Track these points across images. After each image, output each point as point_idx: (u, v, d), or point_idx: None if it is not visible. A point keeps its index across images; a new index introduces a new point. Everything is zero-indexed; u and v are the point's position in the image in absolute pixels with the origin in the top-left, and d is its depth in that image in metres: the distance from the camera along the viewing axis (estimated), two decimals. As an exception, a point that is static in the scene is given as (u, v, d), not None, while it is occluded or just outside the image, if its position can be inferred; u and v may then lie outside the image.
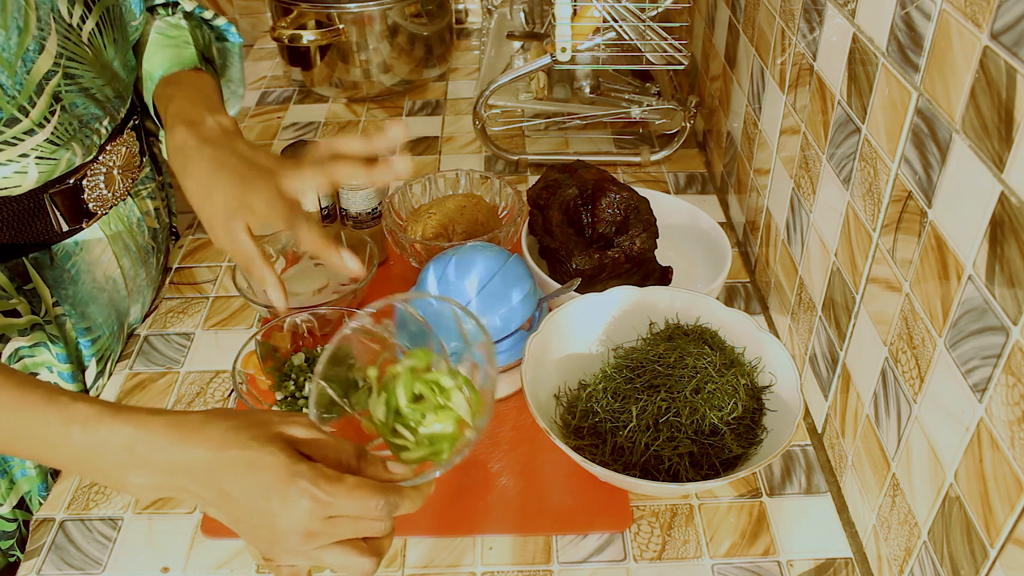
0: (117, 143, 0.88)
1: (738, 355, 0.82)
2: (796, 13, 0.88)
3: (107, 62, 0.85)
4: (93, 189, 0.85)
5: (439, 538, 0.76)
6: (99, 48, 0.83)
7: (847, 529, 0.77)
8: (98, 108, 0.84)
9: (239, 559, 0.75)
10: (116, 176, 0.88)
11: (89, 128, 0.83)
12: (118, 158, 0.88)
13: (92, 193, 0.86)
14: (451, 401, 0.62)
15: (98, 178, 0.86)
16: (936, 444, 0.61)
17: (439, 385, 0.63)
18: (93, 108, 0.83)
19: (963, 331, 0.57)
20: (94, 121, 0.83)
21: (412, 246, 1.00)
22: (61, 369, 0.88)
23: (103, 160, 0.86)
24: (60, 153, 0.80)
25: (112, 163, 0.87)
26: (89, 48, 0.82)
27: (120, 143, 0.89)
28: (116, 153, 0.88)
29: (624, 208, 0.96)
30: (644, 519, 0.78)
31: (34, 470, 0.89)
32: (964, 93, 0.55)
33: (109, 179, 0.87)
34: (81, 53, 0.80)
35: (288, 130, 1.40)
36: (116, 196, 0.89)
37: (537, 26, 1.40)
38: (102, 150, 0.86)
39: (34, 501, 0.90)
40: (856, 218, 0.74)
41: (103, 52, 0.84)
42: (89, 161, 0.84)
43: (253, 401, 0.83)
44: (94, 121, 0.83)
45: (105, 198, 0.88)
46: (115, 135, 0.88)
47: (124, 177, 0.90)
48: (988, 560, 0.55)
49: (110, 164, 0.87)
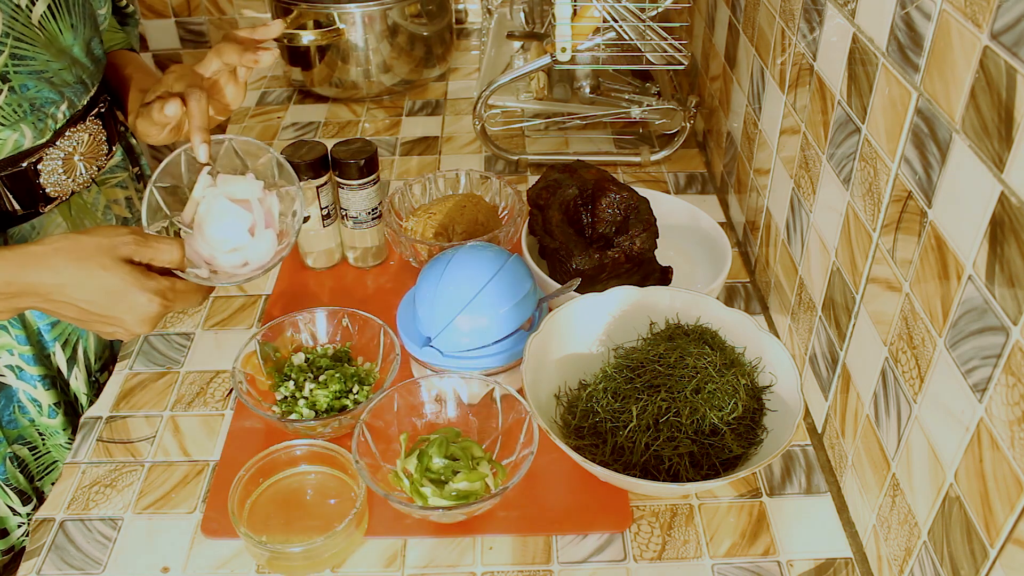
0: (78, 129, 0.88)
1: (738, 355, 0.82)
2: (796, 13, 0.88)
3: (64, 47, 0.85)
4: (50, 174, 0.86)
5: (439, 538, 0.76)
6: (53, 32, 0.83)
7: (847, 529, 0.77)
8: (53, 92, 0.84)
9: (239, 559, 0.75)
10: (78, 163, 0.88)
11: (43, 112, 0.83)
12: (80, 145, 0.89)
13: (49, 178, 0.86)
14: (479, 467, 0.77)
15: (55, 163, 0.86)
16: (936, 444, 0.61)
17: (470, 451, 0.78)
18: (47, 92, 0.83)
19: (963, 331, 0.57)
20: (49, 105, 0.84)
21: (412, 246, 1.00)
22: (22, 351, 0.89)
23: (61, 145, 0.86)
24: (6, 133, 0.80)
25: (72, 149, 0.88)
26: (41, 31, 0.82)
27: (81, 130, 0.89)
28: (77, 140, 0.88)
29: (624, 208, 0.96)
30: (644, 519, 0.78)
31: None
32: (964, 93, 0.55)
33: (69, 165, 0.87)
34: (31, 35, 0.80)
35: (288, 130, 1.40)
36: (78, 183, 0.90)
37: (537, 26, 1.40)
38: (59, 135, 0.86)
39: None
40: (856, 218, 0.74)
41: (59, 37, 0.84)
42: (43, 145, 0.84)
43: (253, 401, 0.83)
44: (49, 105, 0.84)
45: (64, 184, 0.88)
46: (75, 121, 0.88)
47: (88, 164, 0.90)
48: (988, 560, 0.55)
49: (69, 150, 0.87)
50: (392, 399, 0.80)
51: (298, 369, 0.87)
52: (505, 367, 0.85)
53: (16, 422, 0.93)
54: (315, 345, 0.91)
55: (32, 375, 0.91)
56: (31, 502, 0.96)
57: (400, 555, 0.75)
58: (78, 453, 0.85)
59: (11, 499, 0.94)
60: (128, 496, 0.81)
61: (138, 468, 0.83)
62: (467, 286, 0.82)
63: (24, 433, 0.94)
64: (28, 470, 0.96)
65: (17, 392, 0.91)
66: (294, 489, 0.79)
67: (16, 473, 0.94)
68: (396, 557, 0.75)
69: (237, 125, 1.42)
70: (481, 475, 0.76)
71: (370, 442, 0.77)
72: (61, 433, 0.96)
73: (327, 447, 0.78)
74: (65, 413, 0.96)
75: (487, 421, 0.82)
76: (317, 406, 0.84)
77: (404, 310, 0.89)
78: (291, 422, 0.81)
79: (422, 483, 0.75)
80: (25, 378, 0.91)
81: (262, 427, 0.86)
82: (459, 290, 0.82)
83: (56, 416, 0.94)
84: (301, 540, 0.71)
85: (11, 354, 0.88)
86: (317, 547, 0.70)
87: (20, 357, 0.89)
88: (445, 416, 0.83)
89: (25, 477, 0.95)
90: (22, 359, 0.89)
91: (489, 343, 0.83)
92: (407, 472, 0.77)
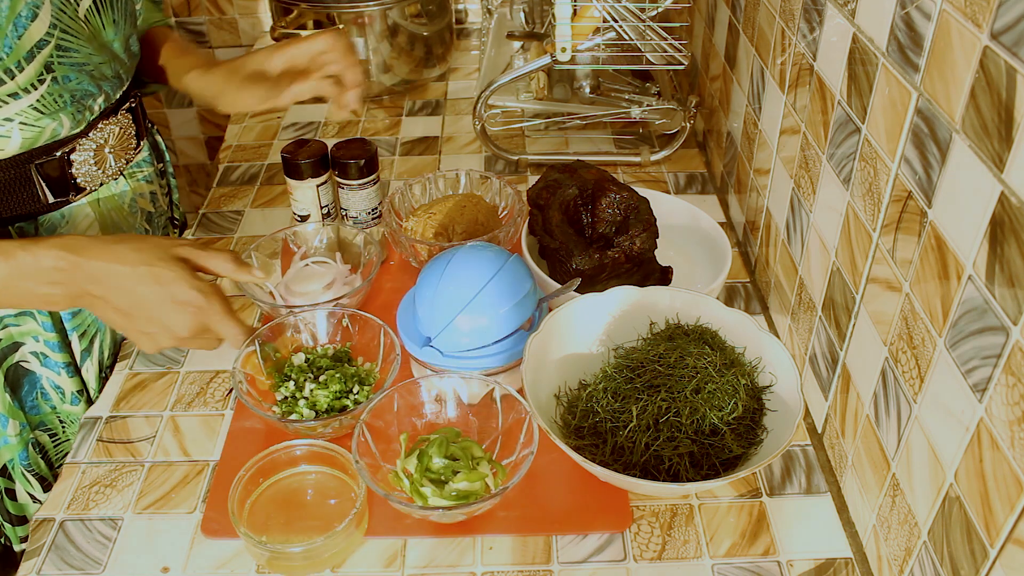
0: (110, 122, 0.90)
1: (738, 355, 0.82)
2: (796, 13, 0.88)
3: (106, 42, 0.87)
4: (82, 164, 0.87)
5: (439, 538, 0.76)
6: (97, 27, 0.85)
7: (847, 529, 0.77)
8: (92, 85, 0.85)
9: (239, 559, 0.75)
10: (108, 155, 0.90)
11: (81, 103, 0.84)
12: (111, 137, 0.90)
13: (81, 168, 0.87)
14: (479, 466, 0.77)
15: (87, 154, 0.87)
16: (936, 444, 0.61)
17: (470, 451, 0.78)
18: (87, 84, 0.84)
19: (963, 331, 0.57)
20: (87, 97, 0.85)
21: (412, 246, 1.00)
22: (47, 338, 0.89)
23: (93, 137, 0.88)
24: (44, 122, 0.81)
25: (103, 141, 0.89)
26: (86, 25, 0.83)
27: (113, 122, 0.90)
28: (109, 132, 0.90)
29: (624, 208, 0.96)
30: (644, 519, 0.78)
31: (15, 438, 0.90)
32: (964, 93, 0.55)
33: (100, 157, 0.89)
34: (77, 28, 0.82)
35: (288, 130, 1.40)
36: (107, 175, 0.91)
37: (537, 26, 1.40)
38: (93, 126, 0.87)
39: (16, 470, 0.92)
40: (856, 218, 0.74)
41: (102, 32, 0.86)
42: (77, 135, 0.85)
43: (253, 401, 0.83)
44: (87, 97, 0.85)
45: (94, 175, 0.89)
46: (108, 114, 0.89)
47: (117, 157, 0.92)
48: (988, 560, 0.55)
49: (101, 141, 0.89)
50: (392, 399, 0.80)
51: (298, 369, 0.87)
52: (505, 367, 0.85)
53: (39, 408, 0.94)
54: (315, 345, 0.91)
55: (56, 362, 0.92)
56: (51, 489, 0.97)
57: (400, 555, 0.75)
58: (78, 453, 0.85)
59: (32, 486, 0.94)
60: (128, 496, 0.81)
61: (138, 468, 0.83)
62: (467, 286, 0.82)
63: (45, 419, 0.95)
64: (48, 457, 0.97)
65: (41, 379, 0.92)
66: (294, 489, 0.79)
67: (38, 459, 0.94)
68: (396, 557, 0.75)
69: (238, 125, 1.42)
70: (481, 475, 0.76)
71: (370, 442, 0.77)
72: (80, 422, 0.97)
73: (327, 447, 0.78)
74: (88, 401, 0.96)
75: (487, 421, 0.82)
76: (317, 406, 0.84)
77: (404, 310, 0.89)
78: (291, 422, 0.81)
79: (422, 483, 0.75)
80: (50, 365, 0.92)
81: (262, 427, 0.86)
82: (459, 290, 0.82)
83: (79, 403, 0.95)
84: (301, 540, 0.71)
85: (36, 340, 0.89)
86: (317, 547, 0.70)
87: (45, 344, 0.90)
88: (445, 416, 0.83)
89: (46, 464, 0.96)
90: (47, 346, 0.90)
91: (489, 343, 0.83)
92: (407, 472, 0.77)
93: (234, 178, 1.28)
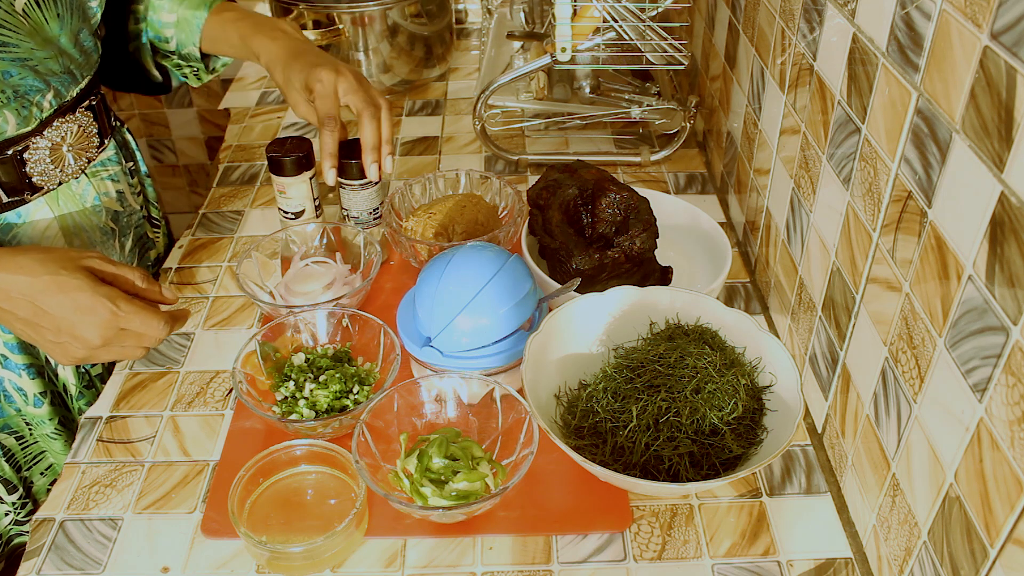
0: (67, 120, 0.89)
1: (738, 355, 0.82)
2: (796, 13, 0.88)
3: (50, 37, 0.85)
4: (37, 163, 0.87)
5: (439, 538, 0.76)
6: (39, 21, 0.84)
7: (847, 529, 0.77)
8: (38, 80, 0.84)
9: (239, 559, 0.75)
10: (66, 153, 0.89)
11: (27, 99, 0.84)
12: (69, 135, 0.89)
13: (36, 167, 0.87)
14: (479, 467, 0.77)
15: (42, 152, 0.87)
16: (936, 444, 0.61)
17: (471, 451, 0.78)
18: (32, 80, 0.83)
19: (963, 331, 0.57)
20: (34, 93, 0.84)
21: (412, 246, 1.00)
22: (6, 340, 0.89)
23: (48, 135, 0.87)
24: None
25: (60, 139, 0.88)
26: (25, 19, 0.82)
27: (70, 120, 0.90)
28: (66, 130, 0.89)
29: (624, 208, 0.96)
30: (644, 519, 0.78)
31: None
32: (964, 93, 0.55)
33: (57, 155, 0.88)
34: (15, 22, 0.81)
35: (288, 130, 1.40)
36: (67, 174, 0.90)
37: (537, 26, 1.40)
38: (47, 125, 0.87)
39: None
40: (856, 218, 0.74)
41: (45, 26, 0.84)
42: (28, 133, 0.85)
43: (253, 401, 0.83)
44: (34, 93, 0.84)
45: (52, 173, 0.89)
46: (63, 112, 0.89)
47: (77, 156, 0.91)
48: (988, 560, 0.55)
49: (57, 140, 0.88)
50: (392, 399, 0.80)
51: (298, 369, 0.87)
52: (505, 367, 0.85)
53: (1, 411, 0.93)
54: (315, 345, 0.91)
55: (17, 364, 0.91)
56: (17, 491, 0.97)
57: (400, 555, 0.75)
58: (78, 453, 0.85)
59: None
60: (128, 496, 0.81)
61: (138, 468, 0.83)
62: (467, 286, 0.82)
63: (10, 422, 0.95)
64: (15, 459, 0.97)
65: (2, 381, 0.92)
66: (294, 489, 0.79)
67: (1, 462, 0.94)
68: (396, 557, 0.75)
69: (237, 125, 1.42)
70: (481, 475, 0.76)
71: (370, 442, 0.77)
72: (48, 423, 0.96)
73: (327, 447, 0.78)
74: (52, 403, 0.96)
75: (487, 421, 0.82)
76: (317, 406, 0.84)
77: (404, 310, 0.89)
78: (291, 422, 0.81)
79: (422, 483, 0.75)
80: (10, 367, 0.91)
81: (262, 427, 0.86)
82: (459, 290, 0.82)
83: (42, 405, 0.95)
84: (301, 540, 0.71)
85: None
86: (317, 547, 0.70)
87: (5, 346, 0.89)
88: (445, 416, 0.83)
89: (11, 466, 0.96)
90: (7, 348, 0.89)
91: (489, 343, 0.83)
92: (407, 472, 0.77)
93: (234, 178, 1.28)
